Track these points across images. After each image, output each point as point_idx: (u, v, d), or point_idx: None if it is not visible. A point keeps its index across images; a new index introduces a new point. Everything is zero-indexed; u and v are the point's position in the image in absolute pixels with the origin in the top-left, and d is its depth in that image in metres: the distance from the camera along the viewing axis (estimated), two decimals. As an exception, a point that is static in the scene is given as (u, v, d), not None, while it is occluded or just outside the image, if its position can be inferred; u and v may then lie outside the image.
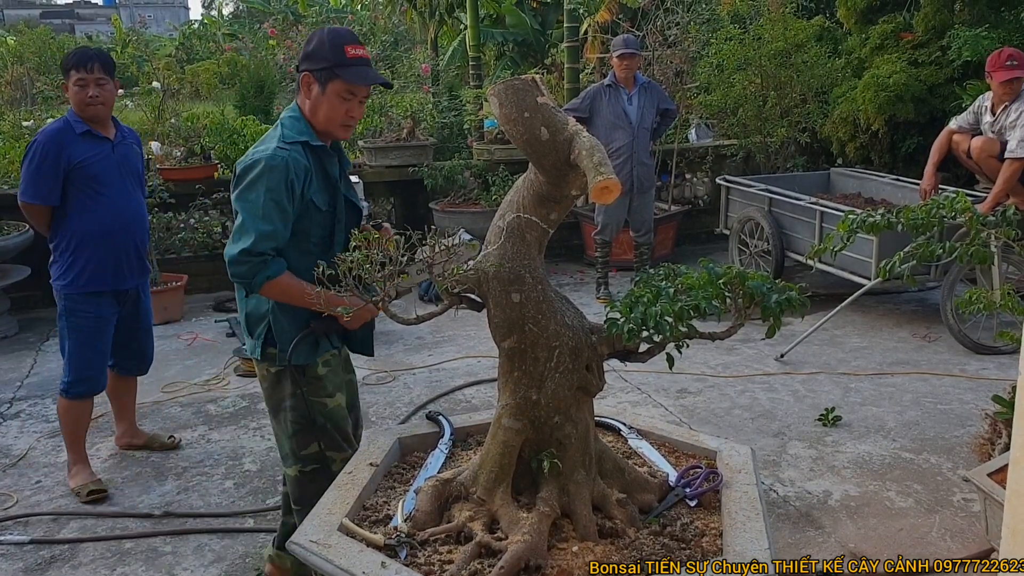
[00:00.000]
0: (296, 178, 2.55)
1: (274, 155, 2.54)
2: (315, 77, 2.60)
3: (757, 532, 2.16)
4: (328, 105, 2.62)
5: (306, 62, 2.64)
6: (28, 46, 15.76)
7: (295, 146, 2.60)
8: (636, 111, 6.48)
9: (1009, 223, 4.55)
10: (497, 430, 2.29)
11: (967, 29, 7.21)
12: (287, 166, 2.52)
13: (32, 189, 3.73)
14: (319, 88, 2.61)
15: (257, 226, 2.49)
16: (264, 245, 2.50)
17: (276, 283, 2.54)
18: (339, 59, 2.58)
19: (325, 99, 2.61)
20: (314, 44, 2.63)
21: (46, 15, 34.90)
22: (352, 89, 2.61)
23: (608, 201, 1.86)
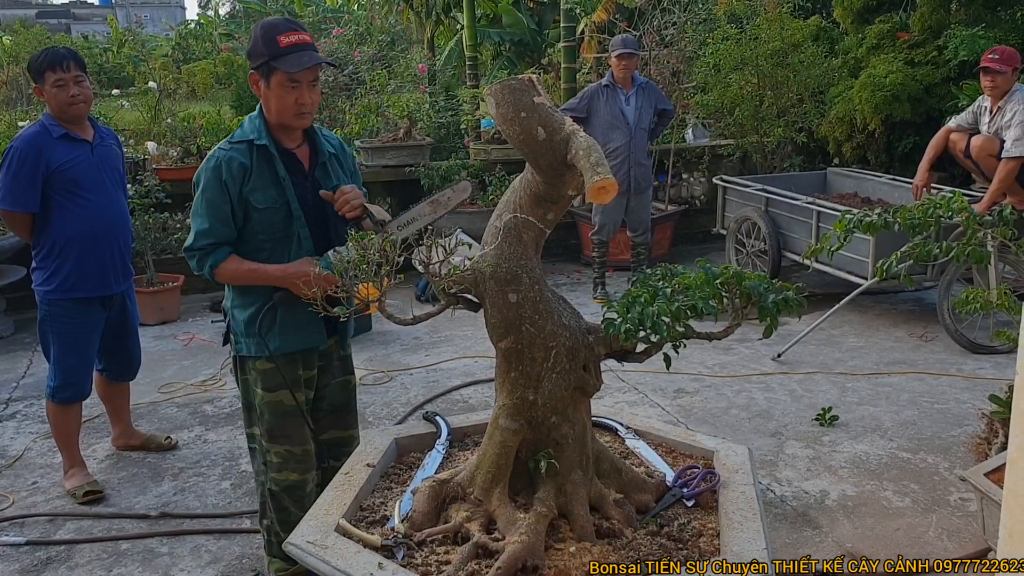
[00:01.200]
0: (231, 178, 2.65)
1: (210, 156, 2.69)
2: (259, 74, 2.65)
3: (754, 532, 2.16)
4: (276, 98, 2.66)
5: (250, 60, 2.69)
6: (24, 46, 15.71)
7: (239, 145, 2.69)
8: (634, 111, 6.48)
9: (1006, 222, 4.55)
10: (494, 430, 2.29)
11: (963, 29, 7.22)
12: (219, 166, 2.64)
13: (11, 196, 3.65)
14: (264, 84, 2.66)
15: (195, 224, 2.70)
16: (200, 241, 2.68)
17: (223, 269, 2.70)
18: (273, 50, 2.60)
19: (272, 93, 2.65)
20: (251, 41, 2.69)
21: (42, 15, 34.84)
22: (293, 77, 2.62)
23: (605, 201, 1.86)
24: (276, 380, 2.85)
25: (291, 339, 2.84)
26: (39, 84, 3.72)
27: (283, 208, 2.71)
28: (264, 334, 2.80)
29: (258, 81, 2.67)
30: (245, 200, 2.67)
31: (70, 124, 3.74)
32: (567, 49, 8.37)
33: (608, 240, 6.85)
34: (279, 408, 2.87)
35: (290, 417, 2.88)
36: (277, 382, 2.85)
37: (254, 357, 2.86)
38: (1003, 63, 5.49)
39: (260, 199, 2.68)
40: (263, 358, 2.83)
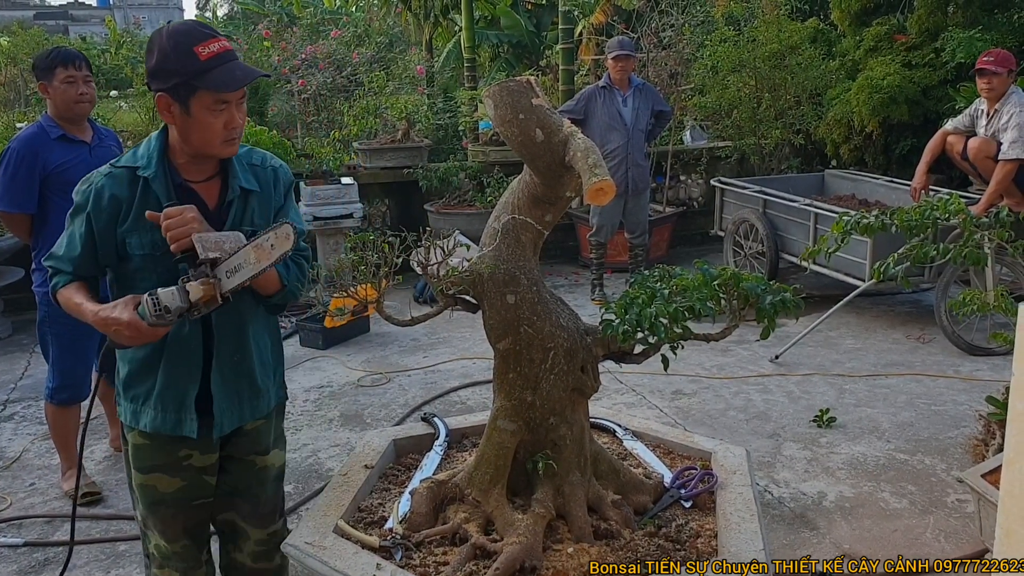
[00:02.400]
0: (97, 212, 2.12)
1: (87, 178, 2.18)
2: (171, 96, 2.06)
3: (752, 533, 2.16)
4: (200, 126, 2.09)
5: (154, 80, 2.09)
6: (22, 47, 15.69)
7: (119, 173, 2.15)
8: (631, 113, 6.49)
9: (1003, 224, 4.57)
10: (492, 431, 2.29)
11: (961, 31, 7.23)
12: (88, 198, 2.13)
13: (8, 197, 3.65)
14: (180, 108, 2.07)
15: (54, 248, 2.23)
16: (51, 261, 2.21)
17: (59, 295, 2.21)
18: (192, 66, 2.03)
19: (194, 120, 2.08)
20: (156, 55, 2.06)
21: (40, 16, 34.82)
22: (222, 98, 2.07)
23: (603, 203, 1.86)
24: (149, 460, 2.31)
25: (168, 419, 2.25)
26: (46, 80, 3.70)
27: (168, 256, 2.09)
28: (139, 401, 2.28)
29: (170, 106, 2.07)
30: (120, 241, 2.14)
31: (70, 124, 3.74)
32: (565, 51, 8.37)
33: (606, 242, 6.85)
34: (152, 494, 2.32)
35: (165, 507, 2.33)
36: (151, 463, 2.31)
37: (128, 426, 2.35)
38: (998, 65, 5.51)
39: (137, 243, 2.13)
40: (134, 429, 2.32)
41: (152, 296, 2.01)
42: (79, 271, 2.19)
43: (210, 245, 2.03)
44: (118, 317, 2.04)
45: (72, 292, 2.17)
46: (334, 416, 4.73)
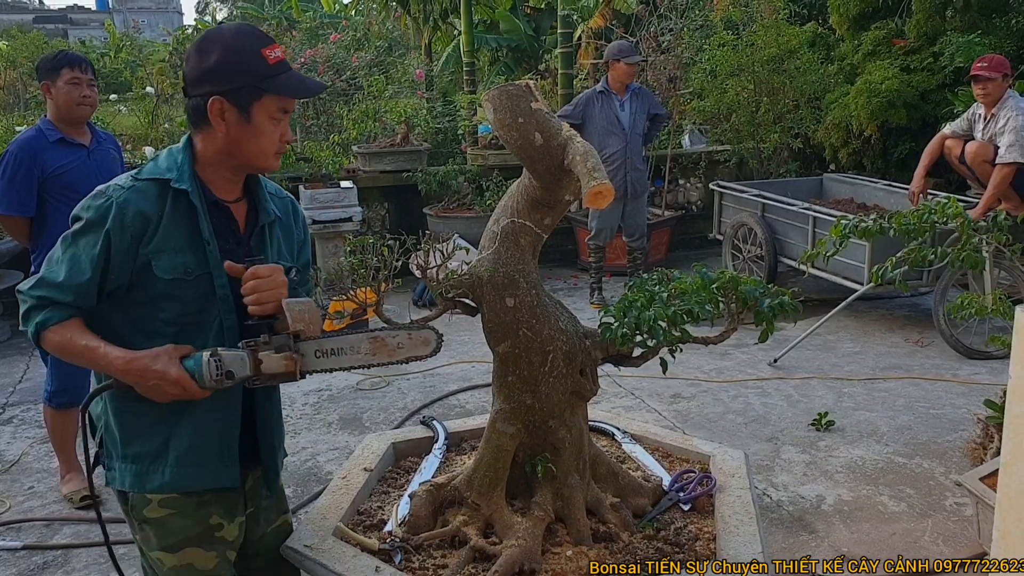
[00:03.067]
0: (121, 229, 1.82)
1: (99, 193, 1.88)
2: (230, 101, 1.86)
3: (751, 536, 2.17)
4: (258, 135, 1.90)
5: (209, 82, 1.87)
6: (21, 51, 15.72)
7: (145, 186, 1.88)
8: (629, 117, 6.50)
9: (1000, 228, 4.59)
10: (491, 434, 2.29)
11: (959, 35, 7.25)
12: (107, 214, 1.83)
13: (6, 201, 3.65)
14: (239, 115, 1.88)
15: (46, 268, 1.88)
16: (38, 290, 1.86)
17: (52, 334, 1.86)
18: (262, 69, 1.87)
19: (253, 128, 1.89)
20: (216, 56, 1.87)
21: (39, 20, 34.85)
22: (286, 105, 1.94)
23: (602, 206, 1.87)
24: (177, 534, 1.98)
25: (201, 472, 1.96)
26: (50, 80, 3.71)
27: (201, 282, 1.89)
28: (147, 459, 1.95)
29: (224, 112, 1.87)
30: (142, 264, 1.85)
31: (69, 127, 3.75)
32: (564, 55, 8.39)
33: (605, 245, 6.86)
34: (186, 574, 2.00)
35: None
36: (180, 536, 1.98)
37: (133, 495, 2.00)
38: (992, 70, 5.53)
39: (167, 266, 1.86)
40: (150, 499, 1.97)
41: (215, 358, 1.78)
42: (81, 302, 1.86)
43: (297, 315, 1.83)
44: (163, 371, 1.80)
45: (75, 332, 1.85)
46: (333, 419, 4.73)
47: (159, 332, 1.88)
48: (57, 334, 1.86)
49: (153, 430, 1.94)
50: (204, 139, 1.92)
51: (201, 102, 1.88)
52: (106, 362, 1.84)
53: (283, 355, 1.81)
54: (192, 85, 1.90)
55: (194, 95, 1.89)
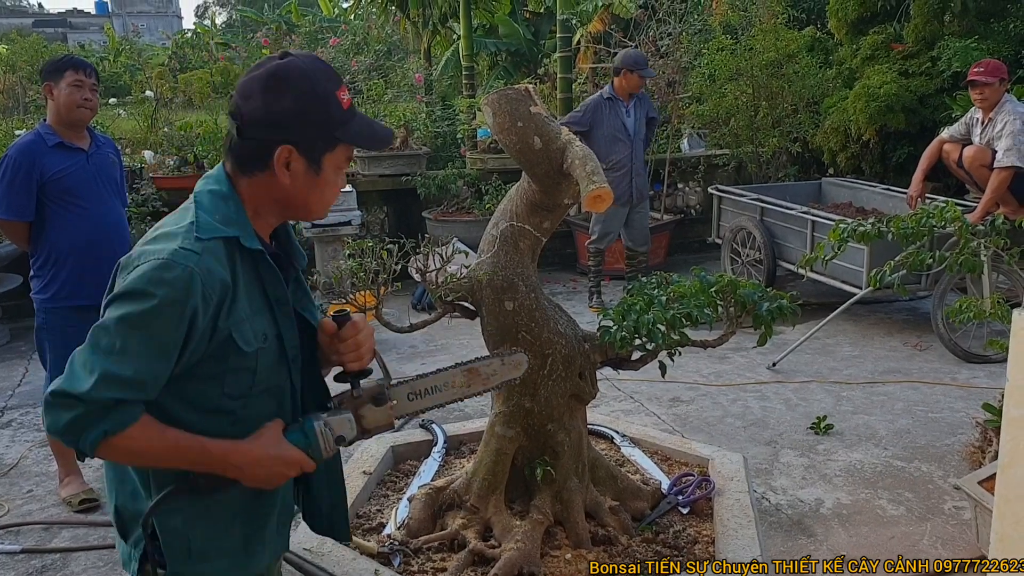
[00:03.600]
0: (205, 303, 1.52)
1: (167, 263, 1.50)
2: (300, 151, 1.60)
3: (749, 539, 2.17)
4: (323, 187, 1.66)
5: (280, 129, 1.59)
6: (20, 55, 15.74)
7: (213, 245, 1.56)
8: (633, 123, 6.51)
9: (998, 232, 4.59)
10: (490, 438, 2.30)
11: (957, 40, 7.27)
12: (189, 286, 1.49)
13: (5, 205, 3.64)
14: (308, 166, 1.62)
15: (107, 364, 1.46)
16: (106, 391, 1.46)
17: (127, 438, 1.49)
18: (338, 115, 1.63)
19: (320, 180, 1.64)
20: (291, 99, 1.59)
21: (38, 24, 34.90)
22: (352, 155, 1.72)
23: (601, 210, 1.88)
24: None
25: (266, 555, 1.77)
26: (53, 81, 3.71)
27: (273, 347, 1.66)
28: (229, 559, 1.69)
29: (290, 162, 1.61)
30: (222, 338, 1.56)
31: (69, 130, 3.74)
32: (563, 59, 8.41)
33: (605, 249, 6.87)
34: None
35: None
36: None
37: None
38: (989, 75, 5.55)
39: (248, 336, 1.59)
40: None
41: (328, 426, 1.63)
42: (153, 395, 1.52)
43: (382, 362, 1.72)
44: (282, 455, 1.61)
45: (152, 431, 1.52)
46: (332, 423, 4.73)
47: (221, 408, 1.61)
48: (131, 439, 1.50)
49: (231, 525, 1.68)
50: (256, 185, 1.63)
51: (262, 147, 1.60)
52: (206, 458, 1.56)
53: (385, 407, 1.69)
54: (253, 126, 1.60)
55: (253, 137, 1.60)
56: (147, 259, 1.52)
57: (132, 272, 1.52)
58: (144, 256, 1.53)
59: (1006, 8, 7.51)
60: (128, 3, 44.16)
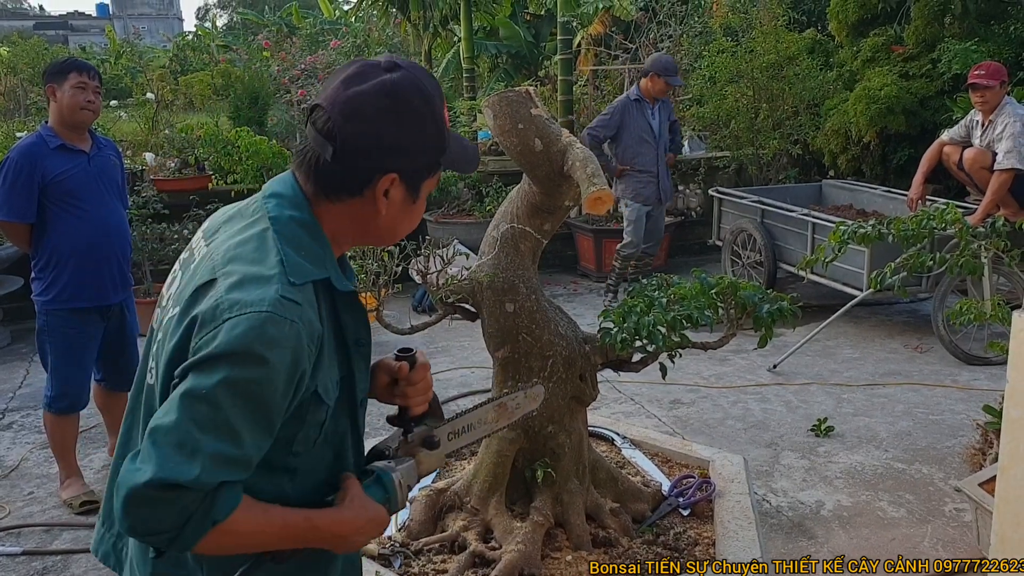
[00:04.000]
0: (307, 358, 1.31)
1: (279, 318, 1.26)
2: (403, 179, 1.40)
3: (750, 541, 2.17)
4: (415, 214, 1.48)
5: (392, 156, 1.38)
6: (21, 57, 15.76)
7: (306, 290, 1.33)
8: (658, 125, 6.51)
9: (999, 234, 4.59)
10: (491, 440, 2.30)
11: (957, 42, 7.27)
12: (299, 345, 1.28)
13: (7, 207, 3.65)
14: (408, 194, 1.43)
15: (215, 443, 1.22)
16: (220, 475, 1.22)
17: (233, 524, 1.26)
18: (444, 140, 1.46)
19: (415, 208, 1.47)
20: (410, 124, 1.39)
21: (39, 26, 34.93)
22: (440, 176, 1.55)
23: (601, 212, 1.88)
24: None
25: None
26: (56, 83, 3.71)
27: (344, 394, 1.45)
28: None
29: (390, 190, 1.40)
30: (308, 395, 1.35)
31: (70, 132, 3.75)
32: (564, 61, 8.41)
33: (637, 253, 6.81)
34: None
35: None
36: None
37: None
38: (989, 78, 5.55)
39: (329, 387, 1.40)
40: None
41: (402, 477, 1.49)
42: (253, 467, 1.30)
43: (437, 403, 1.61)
44: (379, 517, 1.44)
45: (256, 511, 1.30)
46: (333, 425, 4.73)
47: (285, 466, 1.39)
48: (237, 524, 1.26)
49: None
50: (341, 212, 1.41)
51: (362, 175, 1.38)
52: (313, 535, 1.36)
53: (438, 451, 1.57)
54: (356, 153, 1.36)
55: (355, 165, 1.37)
56: (242, 311, 1.25)
57: (224, 326, 1.24)
58: (238, 307, 1.25)
59: (1006, 10, 7.51)
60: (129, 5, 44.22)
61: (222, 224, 1.47)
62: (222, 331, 1.24)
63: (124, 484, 1.20)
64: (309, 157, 1.39)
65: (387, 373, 1.55)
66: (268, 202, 1.41)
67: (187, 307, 1.32)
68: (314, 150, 1.38)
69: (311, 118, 1.39)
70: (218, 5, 47.89)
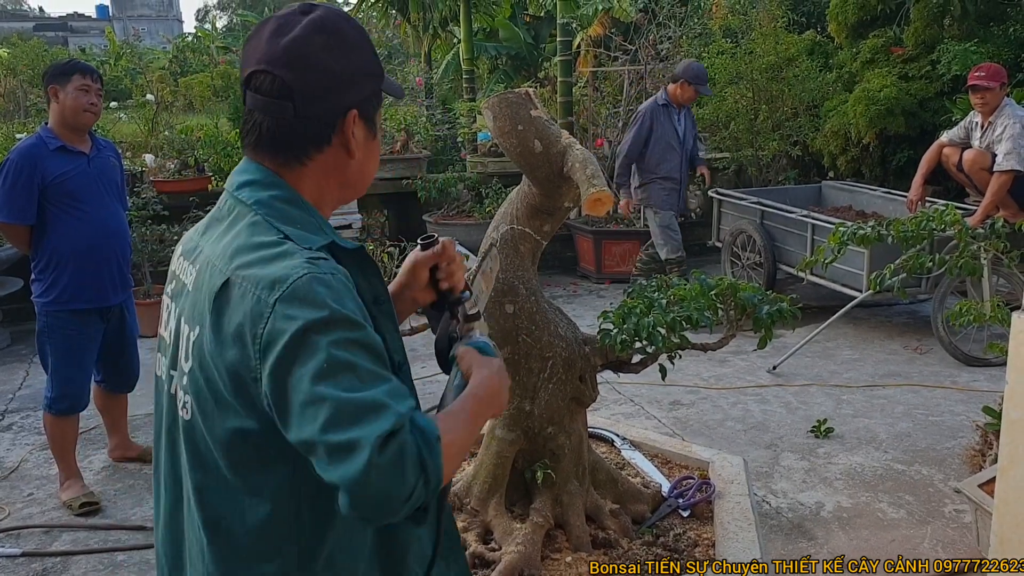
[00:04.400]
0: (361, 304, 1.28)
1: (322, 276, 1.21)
2: (361, 113, 1.37)
3: (749, 542, 2.17)
4: (377, 150, 1.45)
5: (349, 90, 1.35)
6: (21, 58, 15.77)
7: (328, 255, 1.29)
8: (683, 132, 6.49)
9: (998, 235, 4.60)
10: (490, 441, 2.30)
11: (956, 44, 7.28)
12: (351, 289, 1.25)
13: (7, 208, 3.66)
14: (367, 129, 1.40)
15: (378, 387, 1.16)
16: (406, 401, 1.18)
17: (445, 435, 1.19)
18: (381, 64, 1.43)
19: (376, 144, 1.44)
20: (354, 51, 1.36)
21: (39, 28, 34.94)
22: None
23: (600, 213, 1.88)
24: None
25: None
26: (59, 84, 3.72)
27: None
28: None
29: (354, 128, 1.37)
30: None
31: (71, 133, 3.76)
32: (563, 63, 8.42)
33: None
34: None
35: None
36: None
37: None
38: (989, 79, 5.56)
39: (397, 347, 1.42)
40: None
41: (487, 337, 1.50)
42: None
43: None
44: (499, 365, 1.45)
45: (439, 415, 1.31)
46: (332, 426, 4.73)
47: None
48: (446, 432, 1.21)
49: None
50: (315, 172, 1.37)
51: (324, 121, 1.34)
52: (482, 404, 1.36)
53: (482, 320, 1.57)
54: (316, 99, 1.32)
55: (315, 113, 1.33)
56: (283, 287, 1.18)
57: (278, 309, 1.17)
58: (279, 286, 1.19)
59: (1006, 12, 7.52)
60: (129, 7, 44.26)
61: (200, 237, 1.39)
62: (280, 315, 1.17)
63: (346, 486, 1.10)
64: (265, 129, 1.33)
65: (424, 266, 1.55)
66: (241, 193, 1.35)
67: (215, 319, 1.24)
68: (269, 118, 1.32)
69: (252, 87, 1.32)
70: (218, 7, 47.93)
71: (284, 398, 1.15)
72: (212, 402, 1.25)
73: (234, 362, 1.21)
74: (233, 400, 1.23)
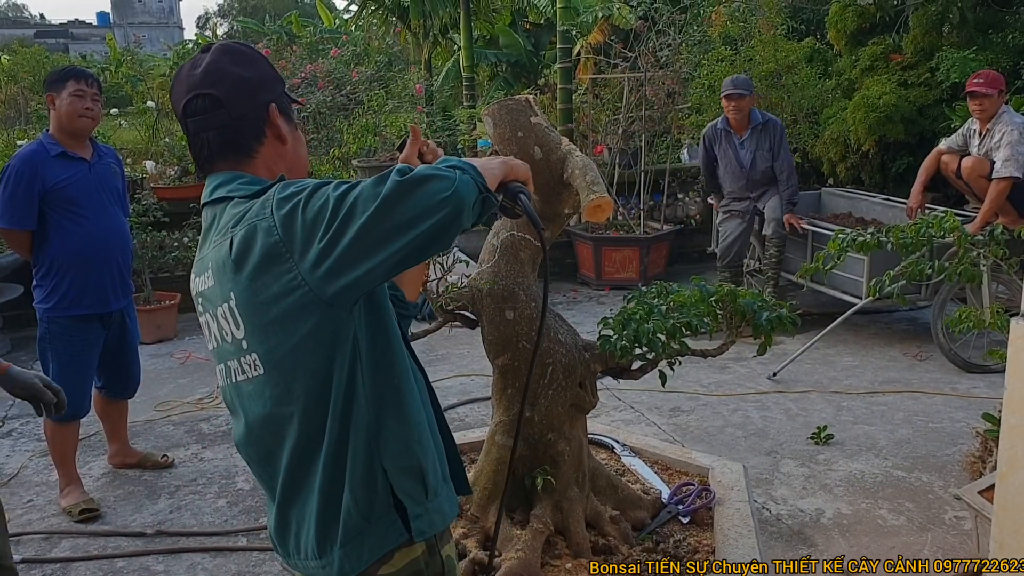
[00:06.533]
0: None
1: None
2: (280, 108, 1.64)
3: (749, 549, 2.17)
4: (302, 140, 1.72)
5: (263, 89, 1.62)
6: (22, 65, 15.79)
7: None
8: (748, 156, 6.24)
9: (997, 242, 4.60)
10: (491, 447, 2.30)
11: (955, 51, 7.29)
12: None
13: (7, 215, 3.67)
14: (287, 119, 1.66)
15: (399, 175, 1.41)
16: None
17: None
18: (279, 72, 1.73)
19: (299, 134, 1.71)
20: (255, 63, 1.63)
21: (40, 35, 35.02)
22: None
23: (601, 219, 1.89)
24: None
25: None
26: (55, 91, 3.73)
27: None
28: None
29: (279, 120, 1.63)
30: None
31: (71, 140, 3.77)
32: (563, 70, 8.44)
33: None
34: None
35: None
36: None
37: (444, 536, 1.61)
38: (988, 86, 5.57)
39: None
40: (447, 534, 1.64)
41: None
42: None
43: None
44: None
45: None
46: (332, 433, 4.72)
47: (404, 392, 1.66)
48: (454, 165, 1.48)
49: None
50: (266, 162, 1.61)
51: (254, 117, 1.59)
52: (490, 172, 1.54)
53: None
54: (240, 100, 1.56)
55: (245, 112, 1.57)
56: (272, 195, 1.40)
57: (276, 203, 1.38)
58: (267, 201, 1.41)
59: (1004, 20, 7.54)
60: (130, 14, 44.38)
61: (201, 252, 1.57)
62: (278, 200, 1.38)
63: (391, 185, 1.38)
64: (212, 140, 1.57)
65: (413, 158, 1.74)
66: (215, 195, 1.55)
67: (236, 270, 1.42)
68: (212, 131, 1.56)
69: (189, 114, 1.57)
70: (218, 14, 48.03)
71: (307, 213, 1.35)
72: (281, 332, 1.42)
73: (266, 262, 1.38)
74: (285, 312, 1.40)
